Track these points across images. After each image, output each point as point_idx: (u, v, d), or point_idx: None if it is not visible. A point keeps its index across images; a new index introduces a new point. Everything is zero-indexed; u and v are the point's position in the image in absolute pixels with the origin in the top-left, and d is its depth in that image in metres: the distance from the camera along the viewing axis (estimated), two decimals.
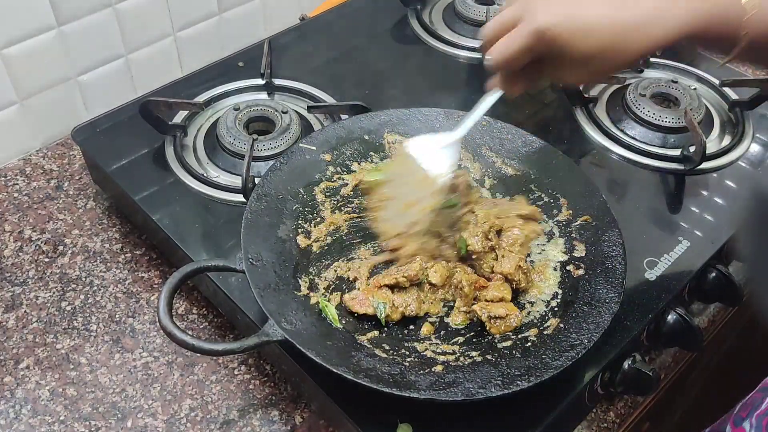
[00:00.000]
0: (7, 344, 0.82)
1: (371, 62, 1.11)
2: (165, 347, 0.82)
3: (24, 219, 0.95)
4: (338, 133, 0.88)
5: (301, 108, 1.00)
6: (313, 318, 0.71)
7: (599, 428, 0.79)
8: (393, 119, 0.90)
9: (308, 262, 0.78)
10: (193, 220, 0.86)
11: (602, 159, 0.97)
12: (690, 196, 0.92)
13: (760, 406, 0.75)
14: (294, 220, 0.80)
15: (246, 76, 1.05)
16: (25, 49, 0.97)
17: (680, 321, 0.79)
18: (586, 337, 0.68)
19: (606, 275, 0.73)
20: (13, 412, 0.76)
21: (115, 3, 1.02)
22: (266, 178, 0.81)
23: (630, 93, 1.02)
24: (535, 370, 0.66)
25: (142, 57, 1.10)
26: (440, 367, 0.68)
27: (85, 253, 0.91)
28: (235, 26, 1.19)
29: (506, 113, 1.00)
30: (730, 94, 1.07)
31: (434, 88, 1.06)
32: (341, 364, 0.65)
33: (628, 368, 0.75)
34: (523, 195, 0.85)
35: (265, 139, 0.92)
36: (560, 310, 0.74)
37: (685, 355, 0.89)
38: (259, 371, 0.80)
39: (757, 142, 1.00)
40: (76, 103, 1.06)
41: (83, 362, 0.81)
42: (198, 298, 0.87)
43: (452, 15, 1.20)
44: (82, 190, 0.99)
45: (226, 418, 0.76)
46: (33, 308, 0.85)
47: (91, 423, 0.75)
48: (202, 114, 1.00)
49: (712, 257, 0.84)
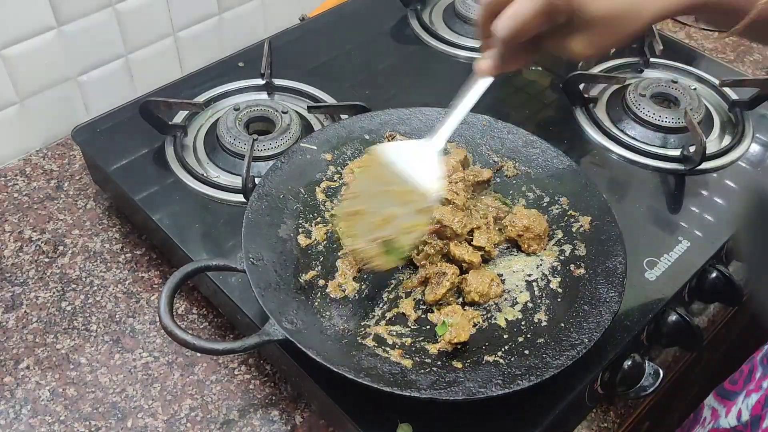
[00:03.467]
0: (7, 344, 0.82)
1: (371, 62, 1.11)
2: (165, 347, 0.82)
3: (24, 219, 0.95)
4: (339, 132, 0.88)
5: (301, 108, 1.00)
6: (313, 317, 0.71)
7: (599, 428, 0.79)
8: (393, 119, 0.90)
9: (309, 260, 0.78)
10: (193, 220, 0.86)
11: (602, 159, 0.97)
12: (690, 196, 0.92)
13: None
14: (295, 220, 0.80)
15: (246, 76, 1.05)
16: (25, 49, 0.97)
17: (680, 321, 0.79)
18: (587, 337, 0.68)
19: (606, 275, 0.74)
20: (13, 412, 0.76)
21: (115, 3, 1.02)
22: (267, 178, 0.81)
23: (630, 93, 1.02)
24: (535, 369, 0.66)
25: (142, 57, 1.10)
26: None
27: (85, 253, 0.91)
28: (235, 26, 1.19)
29: (506, 113, 1.01)
30: (730, 94, 1.07)
31: (434, 88, 1.06)
32: (342, 363, 0.65)
33: (629, 365, 0.75)
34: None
35: (265, 139, 0.92)
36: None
37: (685, 355, 0.89)
38: (259, 371, 0.80)
39: (757, 142, 1.00)
40: (76, 103, 1.06)
41: (83, 362, 0.80)
42: (198, 298, 0.87)
43: (452, 15, 1.20)
44: (82, 190, 0.99)
45: (226, 418, 0.76)
46: (33, 308, 0.85)
47: (91, 423, 0.75)
48: (202, 114, 1.00)
49: (712, 257, 0.84)
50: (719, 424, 0.80)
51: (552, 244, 0.81)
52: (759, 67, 1.21)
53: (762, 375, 0.77)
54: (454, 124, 0.71)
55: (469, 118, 0.90)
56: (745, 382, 0.79)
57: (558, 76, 1.09)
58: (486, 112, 0.91)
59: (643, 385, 0.76)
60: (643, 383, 0.76)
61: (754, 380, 0.77)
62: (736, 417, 0.77)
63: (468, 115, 0.89)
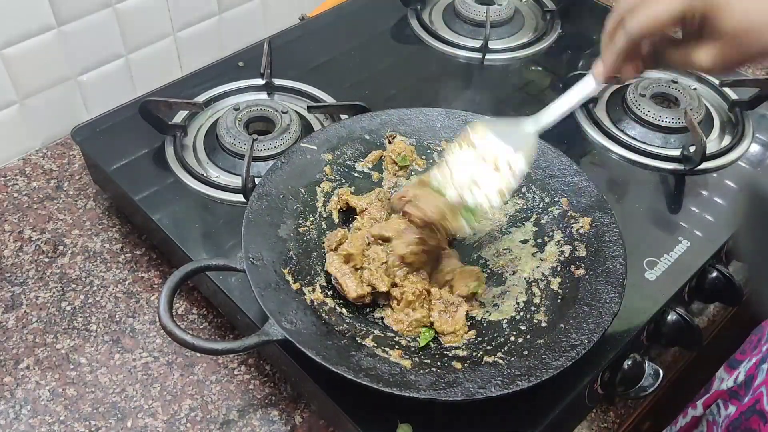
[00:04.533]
0: (7, 344, 0.82)
1: (371, 62, 1.11)
2: (165, 347, 0.82)
3: (24, 219, 0.95)
4: (339, 132, 0.88)
5: (301, 108, 1.00)
6: (313, 318, 0.71)
7: (599, 428, 0.79)
8: (394, 119, 0.90)
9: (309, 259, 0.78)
10: (193, 220, 0.86)
11: (602, 159, 0.97)
12: (690, 196, 0.92)
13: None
14: (295, 220, 0.80)
15: (246, 76, 1.05)
16: (25, 49, 0.97)
17: (680, 321, 0.79)
18: (587, 337, 0.68)
19: (606, 275, 0.74)
20: (13, 412, 0.76)
21: (115, 3, 1.02)
22: (267, 178, 0.81)
23: (630, 93, 1.02)
24: (535, 370, 0.66)
25: (142, 57, 1.10)
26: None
27: (85, 253, 0.91)
28: (235, 26, 1.19)
29: (507, 113, 1.01)
30: (730, 94, 1.07)
31: (434, 88, 1.06)
32: (341, 363, 0.65)
33: (629, 365, 0.75)
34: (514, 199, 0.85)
35: (265, 139, 0.92)
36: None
37: (685, 355, 0.89)
38: (259, 371, 0.80)
39: (757, 142, 1.00)
40: (76, 103, 1.06)
41: (83, 362, 0.80)
42: (198, 299, 0.87)
43: (452, 15, 1.20)
44: (82, 190, 0.99)
45: (226, 418, 0.76)
46: (33, 308, 0.85)
47: (91, 423, 0.75)
48: (202, 114, 1.00)
49: (712, 257, 0.84)
50: (720, 387, 0.80)
51: (552, 244, 0.80)
52: (759, 67, 1.21)
53: (767, 340, 0.77)
54: (557, 114, 0.73)
55: (469, 119, 0.90)
56: (752, 350, 0.79)
57: (558, 76, 1.09)
58: (486, 112, 0.91)
59: (643, 385, 0.76)
60: (643, 383, 0.76)
61: (760, 346, 0.78)
62: (734, 379, 0.78)
63: (468, 116, 0.90)
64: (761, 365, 0.74)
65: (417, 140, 0.90)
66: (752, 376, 0.75)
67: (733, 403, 0.77)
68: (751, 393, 0.73)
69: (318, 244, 0.80)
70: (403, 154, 0.87)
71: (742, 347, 0.82)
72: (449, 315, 0.74)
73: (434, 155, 0.89)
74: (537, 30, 1.19)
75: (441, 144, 0.89)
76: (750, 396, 0.73)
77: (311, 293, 0.74)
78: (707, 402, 0.82)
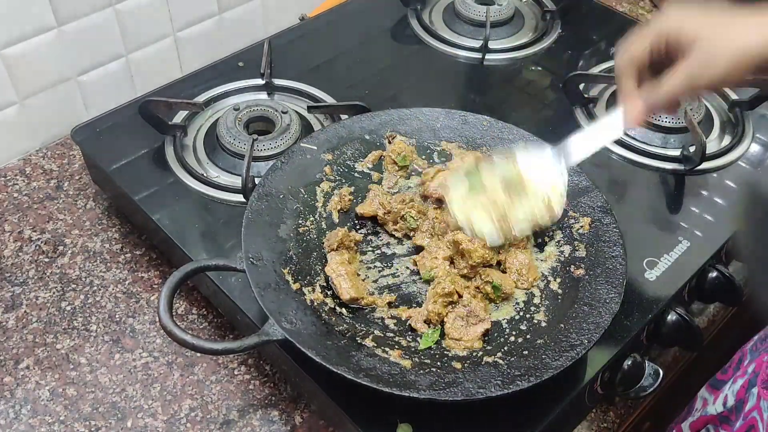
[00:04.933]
0: (7, 344, 0.82)
1: (371, 62, 1.11)
2: (165, 347, 0.82)
3: (24, 219, 0.95)
4: (339, 132, 0.88)
5: (301, 108, 1.00)
6: (313, 318, 0.71)
7: (599, 428, 0.79)
8: (394, 119, 0.90)
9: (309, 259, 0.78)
10: (193, 220, 0.86)
11: (602, 159, 0.97)
12: (690, 196, 0.92)
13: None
14: (295, 220, 0.80)
15: (246, 76, 1.05)
16: (25, 49, 0.97)
17: (680, 321, 0.79)
18: (587, 338, 0.68)
19: (606, 275, 0.74)
20: (13, 412, 0.76)
21: (115, 3, 1.02)
22: (267, 178, 0.81)
23: None
24: (535, 370, 0.66)
25: (142, 57, 1.10)
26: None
27: (85, 253, 0.91)
28: (235, 26, 1.19)
29: (507, 113, 1.01)
30: (730, 94, 1.07)
31: (434, 88, 1.06)
32: (341, 363, 0.65)
33: (629, 365, 0.75)
34: None
35: (265, 139, 0.92)
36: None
37: (685, 355, 0.89)
38: (259, 371, 0.80)
39: (757, 142, 1.00)
40: (76, 103, 1.06)
41: (83, 362, 0.81)
42: (198, 299, 0.87)
43: (452, 15, 1.20)
44: (82, 190, 0.99)
45: (226, 418, 0.76)
46: (33, 308, 0.85)
47: (91, 423, 0.75)
48: (202, 114, 1.00)
49: (712, 257, 0.84)
50: (707, 411, 0.80)
51: (552, 245, 0.80)
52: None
53: (749, 361, 0.77)
54: (587, 153, 0.74)
55: (469, 119, 0.90)
56: (734, 370, 0.79)
57: (558, 76, 1.09)
58: (486, 112, 0.91)
59: (643, 385, 0.76)
60: (643, 383, 0.76)
61: (742, 367, 0.78)
62: (722, 403, 0.78)
63: (468, 116, 0.90)
64: (750, 389, 0.73)
65: (417, 140, 0.90)
66: (742, 401, 0.74)
67: (724, 428, 0.76)
68: (742, 418, 0.73)
69: (318, 244, 0.80)
70: (403, 154, 0.87)
71: (724, 368, 0.82)
72: (466, 325, 0.73)
73: (434, 155, 0.89)
74: (537, 30, 1.19)
75: (441, 144, 0.89)
76: (742, 422, 0.73)
77: (311, 293, 0.74)
78: (695, 426, 0.82)
